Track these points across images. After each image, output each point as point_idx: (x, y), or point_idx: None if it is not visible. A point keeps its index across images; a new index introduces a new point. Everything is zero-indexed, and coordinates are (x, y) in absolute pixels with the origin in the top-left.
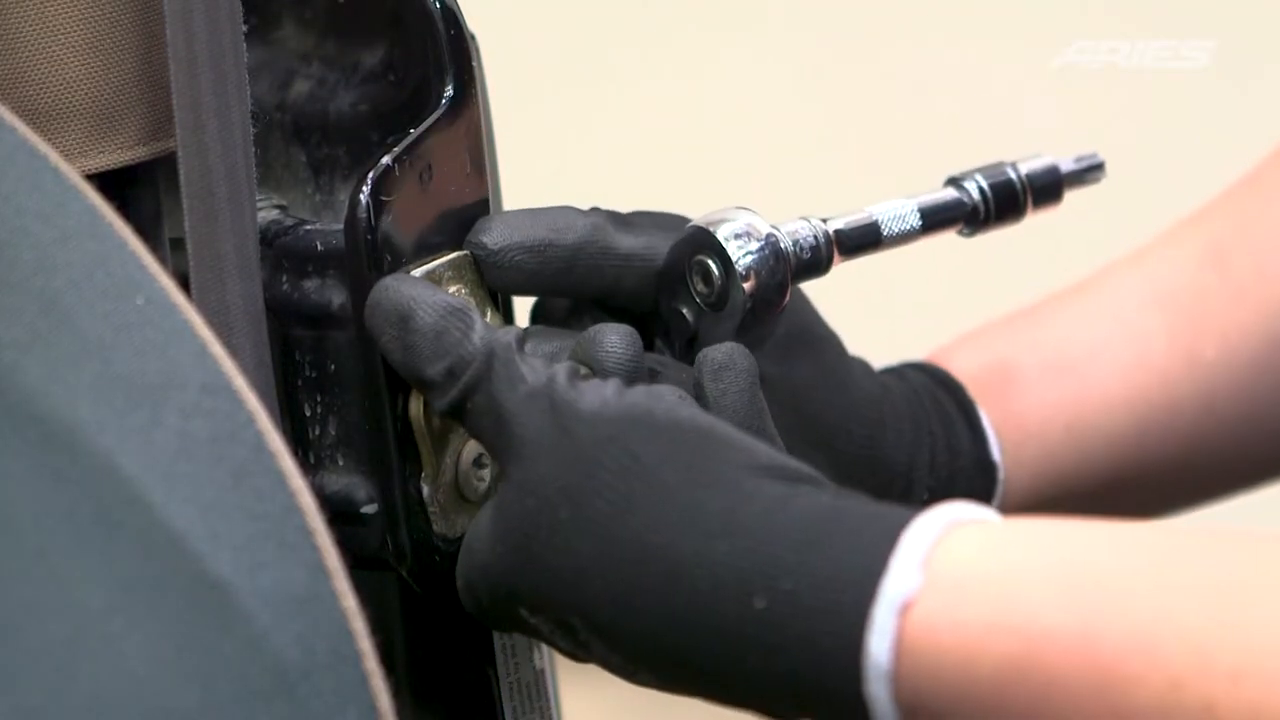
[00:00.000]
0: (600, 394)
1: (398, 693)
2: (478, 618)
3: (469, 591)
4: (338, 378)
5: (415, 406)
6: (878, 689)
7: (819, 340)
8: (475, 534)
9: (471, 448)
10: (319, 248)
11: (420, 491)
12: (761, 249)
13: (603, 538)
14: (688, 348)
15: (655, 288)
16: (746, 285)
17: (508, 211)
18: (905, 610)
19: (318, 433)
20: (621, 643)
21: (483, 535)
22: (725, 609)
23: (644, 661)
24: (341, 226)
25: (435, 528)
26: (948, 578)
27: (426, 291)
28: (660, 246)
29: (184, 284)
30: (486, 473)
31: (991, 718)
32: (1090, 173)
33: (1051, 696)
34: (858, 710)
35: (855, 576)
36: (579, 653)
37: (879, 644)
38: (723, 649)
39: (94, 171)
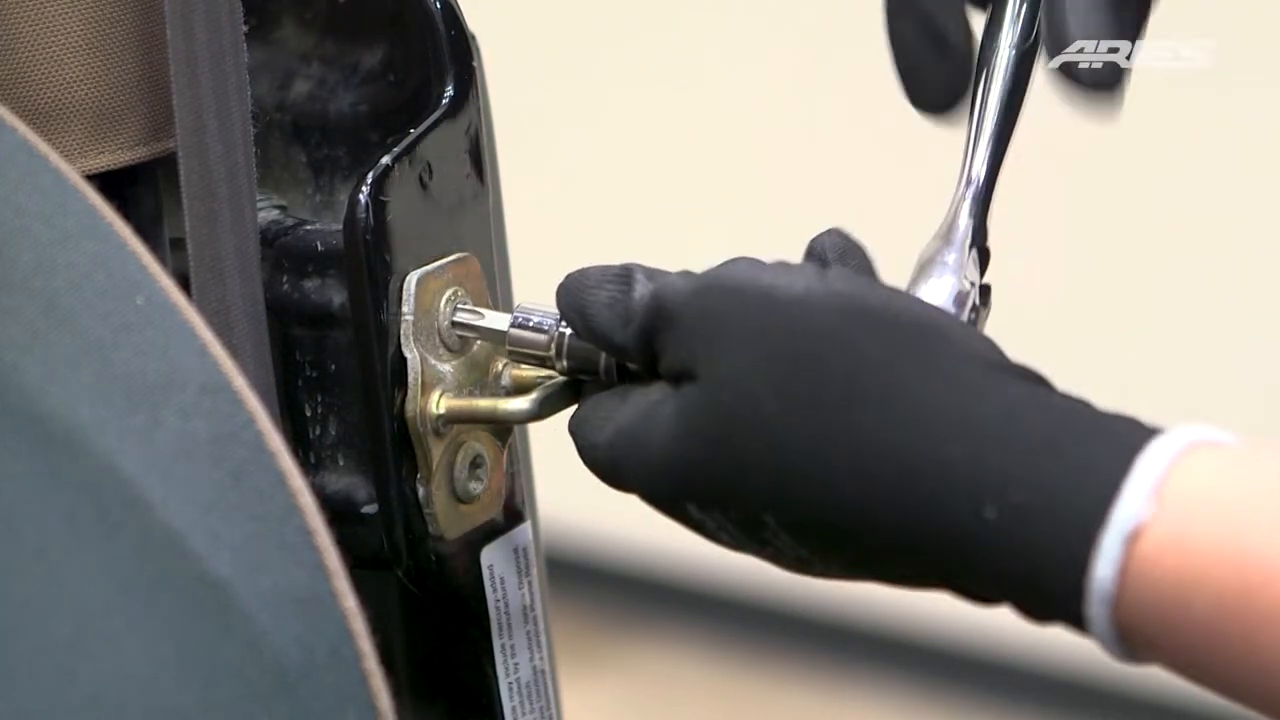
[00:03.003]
0: (800, 279)
1: (398, 693)
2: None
3: (623, 480)
4: (338, 378)
5: (413, 407)
6: (1098, 611)
7: None
8: (645, 431)
9: (468, 449)
10: (319, 248)
11: (416, 492)
12: None
13: (822, 435)
14: None
15: None
16: None
17: None
18: (1134, 538)
19: (318, 433)
20: (819, 539)
21: (660, 433)
22: (954, 515)
23: (838, 556)
24: (341, 226)
25: (431, 529)
26: (1179, 502)
27: (592, 272)
28: None
29: (184, 284)
30: (483, 472)
31: (1208, 647)
32: None
33: (1269, 629)
34: (1075, 622)
35: (1086, 499)
36: (749, 546)
37: (1104, 570)
38: (942, 551)
39: (94, 171)
